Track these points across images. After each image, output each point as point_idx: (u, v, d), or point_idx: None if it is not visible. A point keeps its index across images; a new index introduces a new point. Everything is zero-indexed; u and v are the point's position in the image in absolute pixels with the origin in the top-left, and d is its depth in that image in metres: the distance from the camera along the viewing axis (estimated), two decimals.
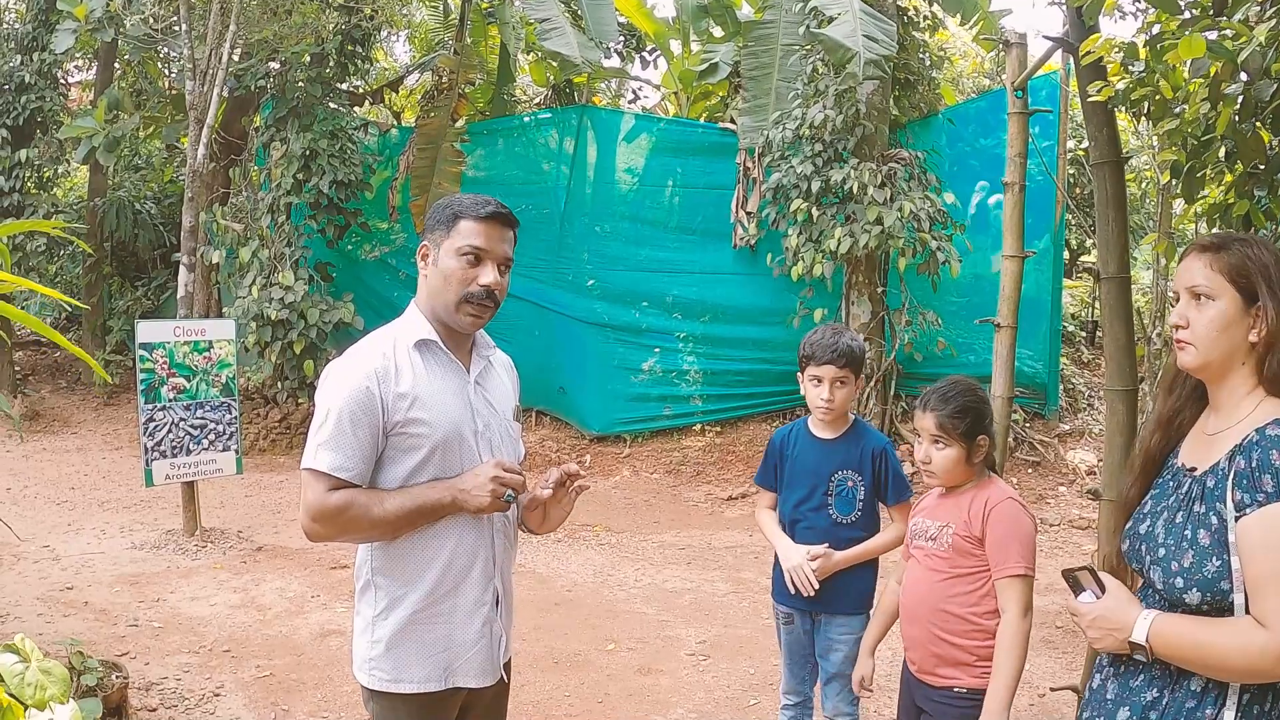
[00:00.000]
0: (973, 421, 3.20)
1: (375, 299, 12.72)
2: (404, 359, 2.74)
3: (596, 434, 11.89)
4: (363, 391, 2.65)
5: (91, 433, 12.80)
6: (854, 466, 3.88)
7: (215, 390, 8.19)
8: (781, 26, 11.40)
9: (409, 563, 2.74)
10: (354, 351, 2.78)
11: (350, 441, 2.64)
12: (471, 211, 2.77)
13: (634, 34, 15.04)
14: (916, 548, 3.34)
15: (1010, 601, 3.06)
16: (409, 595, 2.74)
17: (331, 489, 2.63)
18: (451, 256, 2.76)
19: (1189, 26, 3.33)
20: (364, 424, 2.65)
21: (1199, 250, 2.30)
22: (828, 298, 10.79)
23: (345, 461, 2.63)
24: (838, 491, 3.88)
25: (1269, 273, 2.22)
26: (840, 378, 3.82)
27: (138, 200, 14.94)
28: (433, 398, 2.73)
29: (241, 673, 5.70)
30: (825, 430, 3.97)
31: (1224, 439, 2.24)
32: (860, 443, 3.92)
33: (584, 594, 7.25)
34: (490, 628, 2.83)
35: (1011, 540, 3.08)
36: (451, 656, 2.77)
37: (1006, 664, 3.02)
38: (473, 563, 2.78)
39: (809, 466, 3.95)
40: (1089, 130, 4.60)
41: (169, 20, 10.72)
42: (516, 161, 13.07)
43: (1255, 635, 2.03)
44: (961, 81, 16.53)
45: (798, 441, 4.05)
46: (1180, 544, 2.20)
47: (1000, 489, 3.20)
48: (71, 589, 7.04)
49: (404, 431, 2.69)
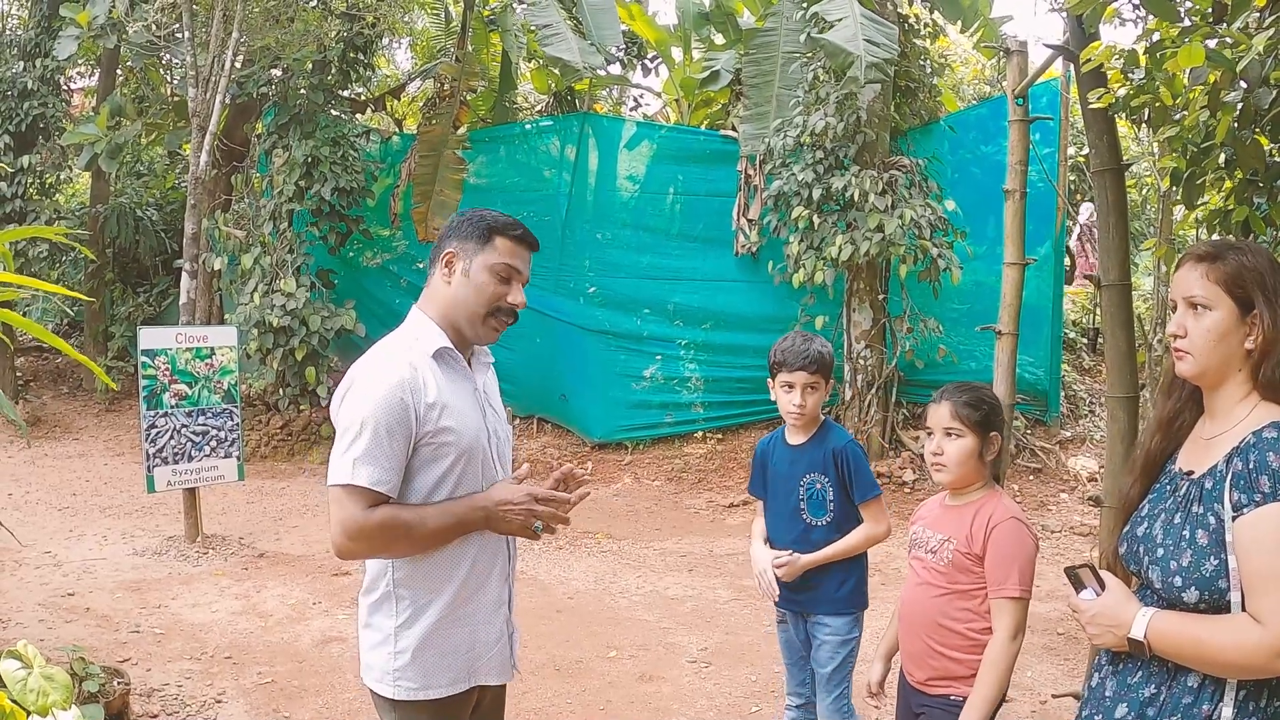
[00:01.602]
0: (988, 413, 3.21)
1: (377, 306, 12.73)
2: (427, 369, 2.74)
3: (598, 441, 11.89)
4: (397, 403, 2.64)
5: (93, 439, 12.81)
6: (819, 469, 3.95)
7: (217, 397, 8.20)
8: (783, 34, 11.41)
9: (435, 571, 2.76)
10: (377, 362, 2.75)
11: (387, 454, 2.63)
12: (508, 231, 2.82)
13: (635, 41, 15.04)
14: (915, 558, 3.34)
15: (1002, 623, 3.05)
16: (435, 602, 2.76)
17: (370, 505, 2.62)
18: (485, 271, 2.79)
19: (1188, 34, 3.35)
20: (399, 436, 2.64)
21: (1195, 260, 2.33)
22: (829, 305, 10.80)
23: (384, 475, 2.62)
24: (808, 495, 3.95)
25: (1265, 281, 2.26)
26: (811, 383, 3.90)
27: (140, 207, 14.96)
28: (457, 406, 2.76)
29: (243, 679, 5.71)
30: (797, 435, 4.04)
31: (1220, 443, 2.28)
32: (825, 444, 3.97)
33: (585, 601, 7.25)
34: (506, 626, 2.90)
35: (1012, 562, 3.06)
36: (474, 657, 2.81)
37: (989, 682, 3.02)
38: (493, 565, 2.84)
39: (783, 472, 4.05)
40: (1089, 137, 4.62)
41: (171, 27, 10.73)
42: (518, 169, 13.07)
43: (1251, 631, 2.07)
44: (962, 88, 16.55)
45: (775, 449, 4.14)
46: (1179, 544, 2.24)
47: (1005, 506, 3.17)
48: (73, 595, 7.04)
49: (433, 441, 2.70)
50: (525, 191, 12.80)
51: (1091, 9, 3.96)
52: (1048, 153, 10.54)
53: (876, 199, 9.80)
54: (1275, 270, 2.29)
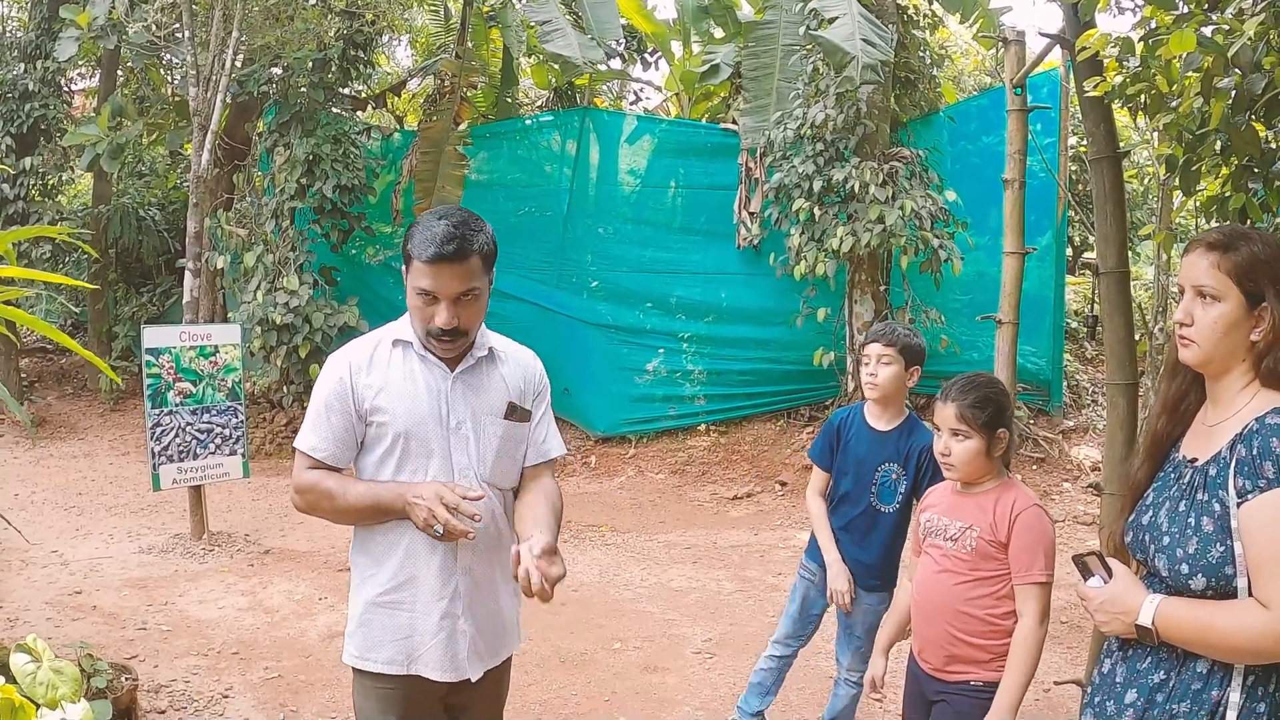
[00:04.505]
0: (994, 413, 3.21)
1: (380, 302, 12.74)
2: (383, 353, 2.90)
3: (602, 435, 11.93)
4: (336, 380, 2.85)
5: (98, 438, 12.83)
6: (900, 460, 4.10)
7: (221, 395, 8.21)
8: (782, 27, 11.43)
9: (376, 545, 2.89)
10: (347, 345, 2.98)
11: (325, 425, 2.86)
12: (419, 253, 2.68)
13: (635, 36, 15.05)
14: (933, 546, 3.34)
15: (1029, 607, 3.10)
16: (375, 577, 2.89)
17: (309, 467, 2.86)
18: (412, 293, 2.78)
19: (1184, 21, 3.35)
20: (337, 409, 2.85)
21: (1206, 248, 2.31)
22: (831, 297, 10.81)
23: (319, 443, 2.85)
24: (882, 482, 4.11)
25: (1275, 273, 2.25)
26: (884, 355, 4.06)
27: (142, 207, 14.96)
28: (399, 389, 2.85)
29: (250, 674, 5.74)
30: (879, 420, 4.18)
31: (1223, 429, 2.28)
32: (910, 438, 4.12)
33: (590, 594, 7.28)
34: (453, 623, 2.86)
35: (1037, 548, 3.10)
36: (413, 645, 2.86)
37: (1020, 666, 3.06)
38: (431, 556, 2.84)
39: (860, 454, 4.18)
40: (1086, 126, 4.62)
41: (171, 27, 10.73)
42: (519, 164, 13.09)
43: (1258, 616, 2.08)
44: (963, 79, 16.55)
45: (854, 426, 4.26)
46: (1184, 531, 2.24)
47: (1024, 494, 3.21)
48: (80, 593, 7.07)
49: (372, 420, 2.85)
50: (527, 187, 12.84)
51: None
52: (1049, 142, 10.56)
53: (877, 190, 9.82)
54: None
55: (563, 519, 2.97)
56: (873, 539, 4.18)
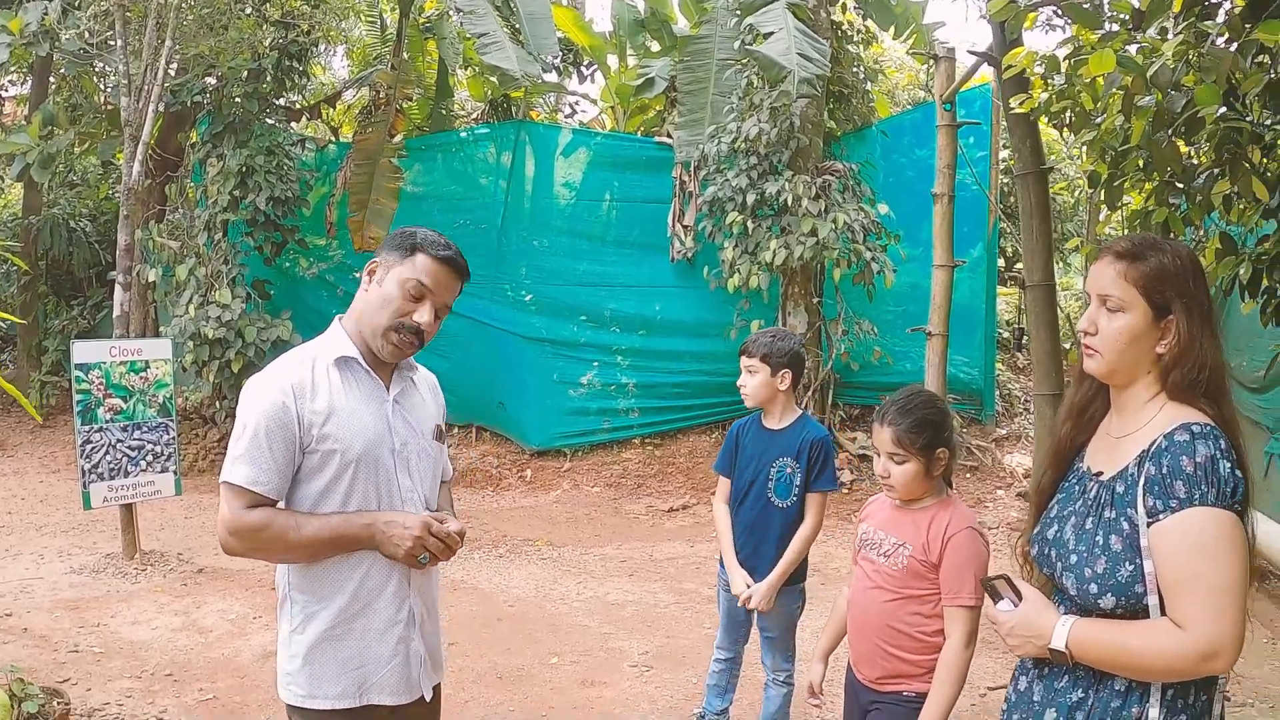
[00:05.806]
0: (931, 435, 3.16)
1: (314, 316, 12.61)
2: (322, 375, 2.76)
3: (537, 449, 11.92)
4: (279, 406, 2.66)
5: (28, 456, 12.64)
6: (792, 455, 4.29)
7: (152, 411, 8.12)
8: (717, 41, 11.53)
9: (324, 580, 2.77)
10: (273, 366, 2.80)
11: (266, 456, 2.65)
12: (431, 249, 2.79)
13: (571, 49, 15.10)
14: (865, 559, 3.32)
15: (956, 629, 3.10)
16: (323, 612, 2.77)
17: (249, 505, 2.66)
18: (396, 284, 2.76)
19: (1108, 41, 3.43)
20: (279, 439, 2.66)
21: (1114, 256, 2.29)
22: (764, 309, 10.91)
23: (261, 476, 2.65)
24: (778, 477, 4.30)
25: (1183, 285, 2.23)
26: (748, 365, 4.34)
27: (73, 218, 14.77)
28: (348, 415, 2.74)
29: (185, 697, 5.68)
30: (772, 421, 4.40)
31: (1129, 443, 2.27)
32: (801, 433, 4.33)
33: (526, 608, 7.29)
34: (407, 646, 2.84)
35: (967, 570, 3.09)
36: (366, 674, 2.79)
37: (943, 689, 3.07)
38: (386, 584, 2.80)
39: (755, 453, 4.40)
40: (1013, 142, 4.75)
41: (105, 35, 10.59)
42: (454, 176, 13.08)
43: (1173, 636, 2.07)
44: (897, 93, 16.74)
45: (750, 431, 4.49)
46: (1092, 550, 2.23)
47: (961, 514, 3.18)
48: (10, 615, 6.96)
49: (318, 449, 2.70)
50: (462, 199, 12.81)
51: (1015, 15, 4.08)
52: (981, 156, 10.74)
53: (810, 204, 9.94)
54: (1197, 273, 2.26)
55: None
56: (771, 535, 4.34)
